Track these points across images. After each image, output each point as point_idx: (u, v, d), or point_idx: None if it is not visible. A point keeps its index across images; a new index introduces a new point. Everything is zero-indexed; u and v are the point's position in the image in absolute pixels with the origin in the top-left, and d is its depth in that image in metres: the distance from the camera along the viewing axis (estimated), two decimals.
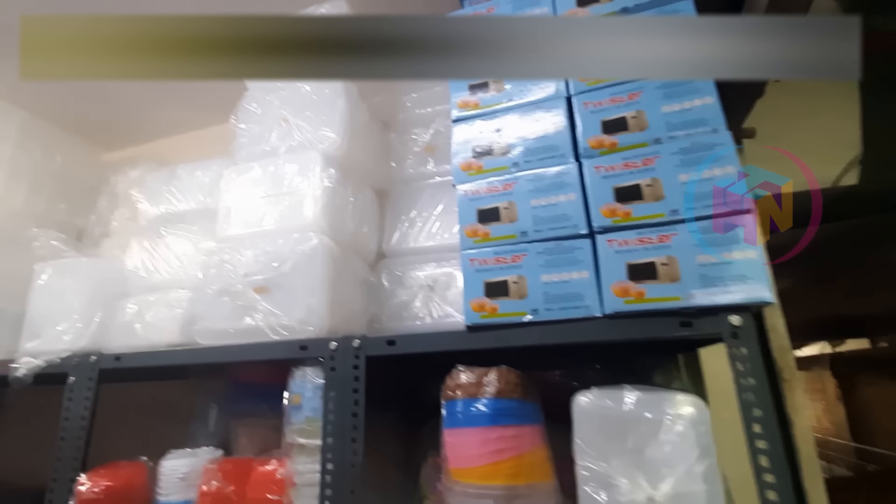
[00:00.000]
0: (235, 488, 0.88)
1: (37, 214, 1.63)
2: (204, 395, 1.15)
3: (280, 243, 0.93)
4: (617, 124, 0.75)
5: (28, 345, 1.04)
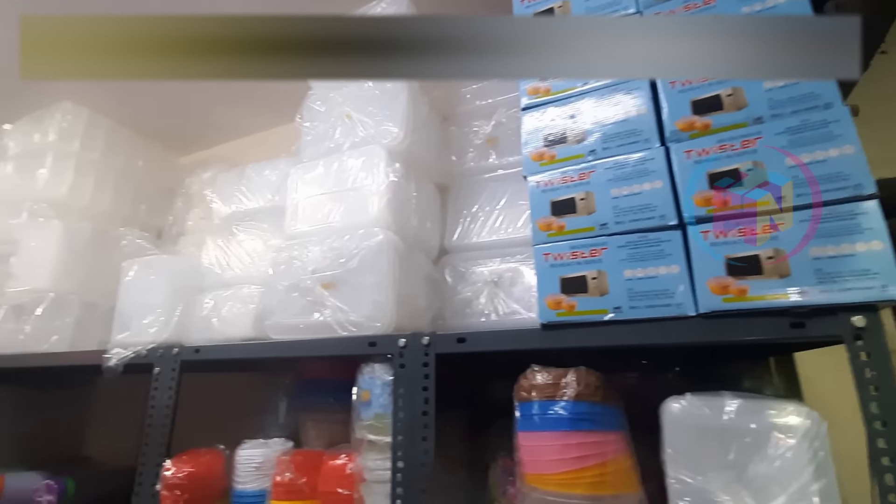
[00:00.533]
0: (307, 480, 0.89)
1: (122, 216, 1.76)
2: (274, 388, 1.18)
3: (346, 239, 0.93)
4: (709, 103, 0.68)
5: (118, 336, 1.11)
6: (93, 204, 1.64)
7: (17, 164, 1.63)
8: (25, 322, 1.33)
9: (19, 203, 1.52)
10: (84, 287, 1.41)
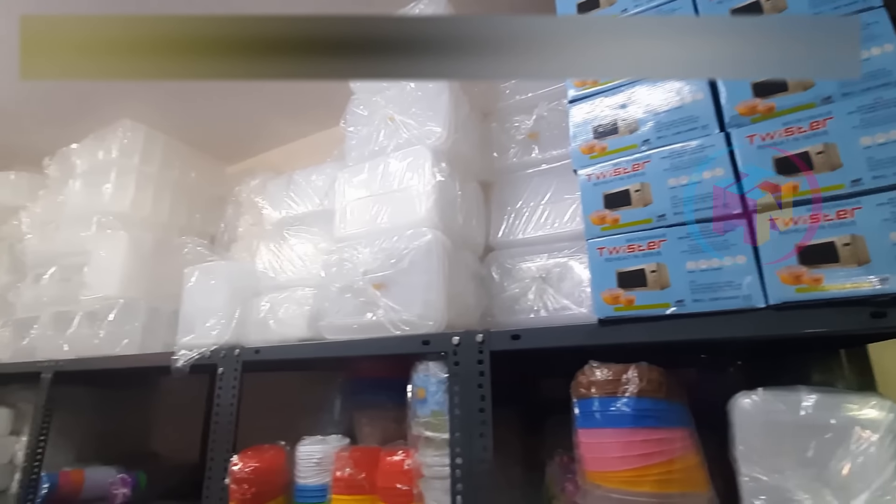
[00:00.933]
0: (366, 475, 0.92)
1: (178, 225, 1.85)
2: (328, 386, 1.22)
3: (395, 240, 0.94)
4: (773, 85, 0.64)
5: (184, 339, 1.18)
6: (152, 215, 1.74)
7: (84, 181, 1.75)
8: (99, 327, 1.43)
9: (88, 217, 1.64)
10: (149, 293, 1.50)
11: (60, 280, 1.68)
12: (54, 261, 1.71)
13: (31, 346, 1.65)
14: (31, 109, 1.96)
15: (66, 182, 1.81)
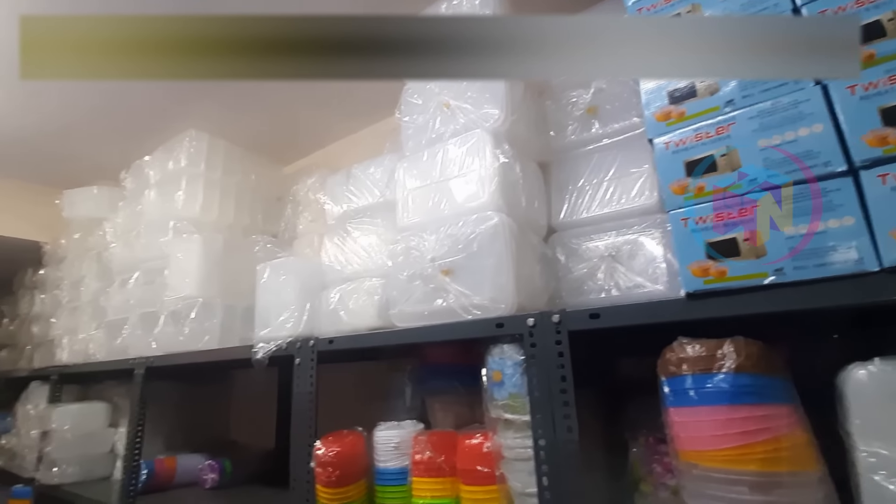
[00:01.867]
0: (445, 458, 0.93)
1: (243, 226, 1.94)
2: (397, 374, 1.24)
3: (461, 225, 0.94)
4: (871, 30, 0.59)
5: (261, 333, 1.24)
6: (220, 218, 1.84)
7: (158, 190, 1.87)
8: (183, 325, 1.53)
9: (164, 223, 1.75)
10: (223, 291, 1.59)
11: (144, 283, 1.81)
12: (137, 266, 1.85)
13: (124, 345, 1.79)
14: (106, 127, 2.11)
15: (142, 192, 1.94)
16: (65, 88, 1.87)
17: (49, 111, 1.99)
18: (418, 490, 0.95)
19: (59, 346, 2.21)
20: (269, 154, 2.18)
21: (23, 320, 2.74)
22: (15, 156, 2.33)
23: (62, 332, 2.23)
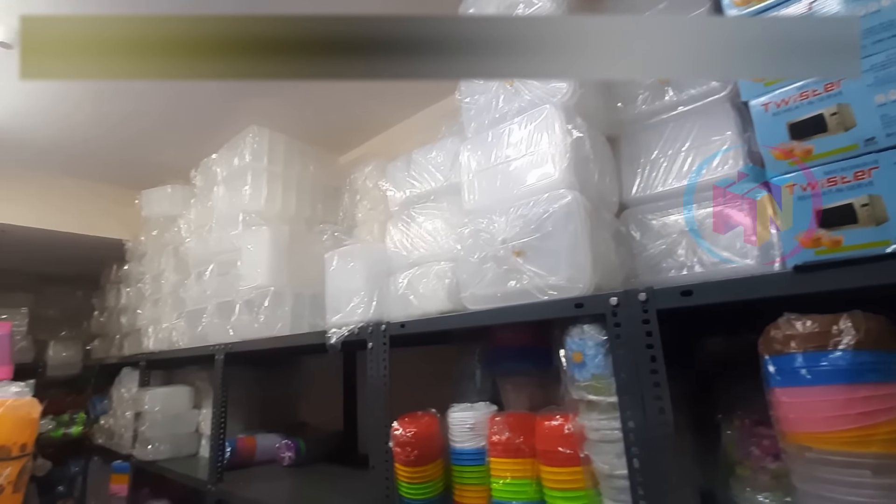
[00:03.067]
0: (524, 439, 0.93)
1: (304, 217, 2.01)
2: (467, 357, 1.25)
3: (532, 205, 0.93)
4: None
5: (332, 319, 1.28)
6: (284, 209, 1.91)
7: (226, 186, 1.96)
8: (257, 313, 1.61)
9: (234, 217, 1.84)
10: (292, 280, 1.66)
11: (219, 275, 1.92)
12: (211, 259, 1.96)
13: (203, 332, 1.92)
14: (175, 130, 2.23)
15: (212, 189, 2.05)
16: (134, 96, 1.99)
17: (123, 119, 2.13)
18: (497, 470, 0.96)
19: (145, 335, 2.39)
20: (324, 145, 2.23)
21: (111, 312, 2.99)
22: (97, 161, 2.52)
23: (147, 322, 2.42)
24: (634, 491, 0.72)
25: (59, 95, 1.97)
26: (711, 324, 0.99)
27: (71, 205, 2.67)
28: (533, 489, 0.92)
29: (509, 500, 0.92)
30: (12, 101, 1.98)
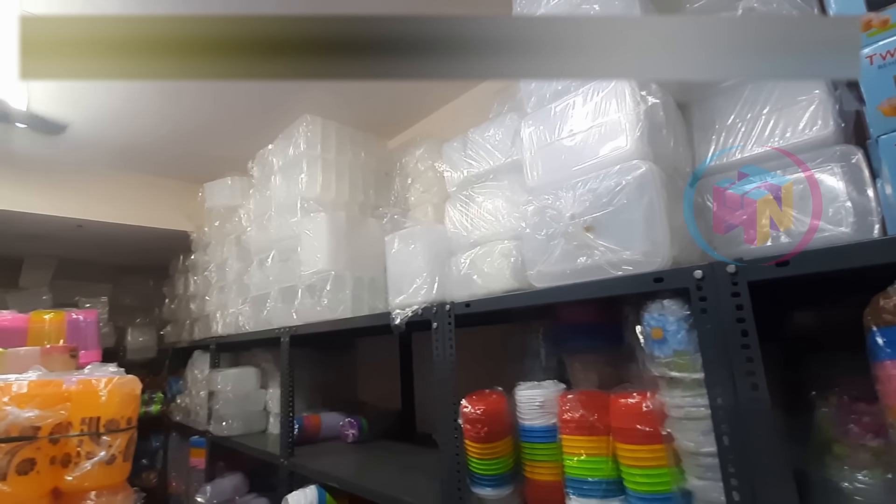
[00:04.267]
0: (598, 417, 0.92)
1: (358, 202, 2.04)
2: (531, 335, 1.25)
3: (602, 179, 0.90)
4: None
5: (396, 300, 1.31)
6: (338, 196, 1.95)
7: (283, 175, 2.03)
8: (320, 296, 1.67)
9: (292, 204, 1.90)
10: (351, 264, 1.70)
11: (280, 261, 2.00)
12: (272, 246, 2.04)
13: (268, 317, 2.01)
14: (232, 123, 2.32)
15: (269, 179, 2.12)
16: (192, 94, 2.08)
17: (184, 116, 2.23)
18: (570, 448, 0.95)
19: (214, 320, 2.54)
20: (373, 130, 2.25)
21: (181, 299, 3.19)
22: (163, 158, 2.67)
23: (215, 307, 2.56)
24: (724, 469, 0.70)
25: (129, 98, 2.08)
26: (798, 296, 0.94)
27: (141, 200, 2.85)
28: (608, 466, 0.91)
29: (584, 477, 0.92)
30: (88, 106, 2.12)
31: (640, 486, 0.85)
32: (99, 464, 1.29)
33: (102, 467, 1.30)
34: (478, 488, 1.07)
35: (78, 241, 3.09)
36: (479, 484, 1.07)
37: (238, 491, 2.31)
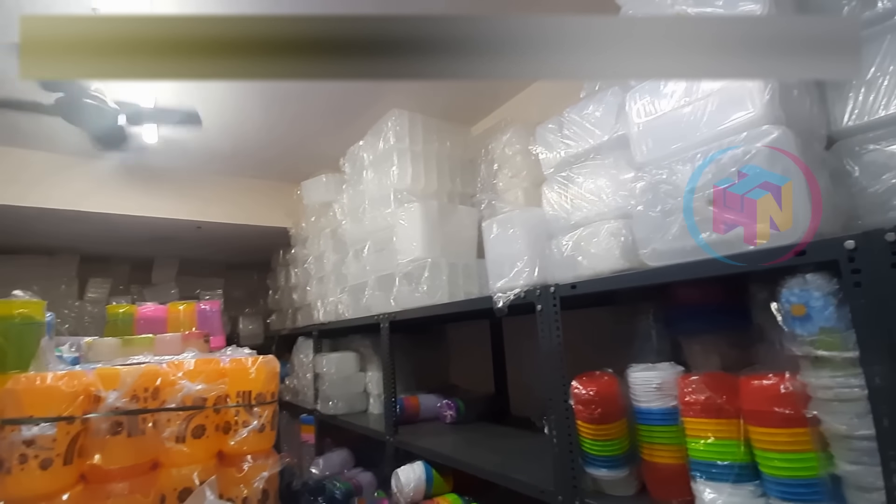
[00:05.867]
0: (726, 399, 0.88)
1: (446, 191, 2.09)
2: (640, 317, 1.21)
3: (727, 148, 0.84)
4: None
5: (497, 284, 1.33)
6: (427, 185, 2.01)
7: (374, 169, 2.13)
8: (418, 284, 1.74)
9: (385, 196, 1.99)
10: (445, 251, 1.75)
11: (375, 251, 2.11)
12: (367, 237, 2.16)
13: (367, 304, 2.13)
14: (323, 123, 2.47)
15: (360, 174, 2.24)
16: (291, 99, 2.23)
17: (282, 121, 2.41)
18: (695, 430, 0.92)
19: (315, 309, 2.75)
20: (456, 119, 2.28)
21: (283, 291, 3.48)
22: (264, 161, 2.91)
23: (315, 297, 2.76)
24: (884, 453, 0.65)
25: (236, 108, 2.30)
26: None
27: (246, 201, 3.14)
28: (740, 450, 0.87)
29: (713, 461, 0.89)
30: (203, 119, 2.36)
31: (779, 472, 0.80)
32: (253, 431, 1.49)
33: (256, 434, 1.51)
34: (592, 468, 1.07)
35: (196, 241, 3.48)
36: (594, 464, 1.07)
37: (345, 465, 2.50)
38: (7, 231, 3.03)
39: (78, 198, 2.68)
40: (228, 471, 1.48)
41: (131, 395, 1.34)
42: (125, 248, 3.62)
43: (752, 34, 0.61)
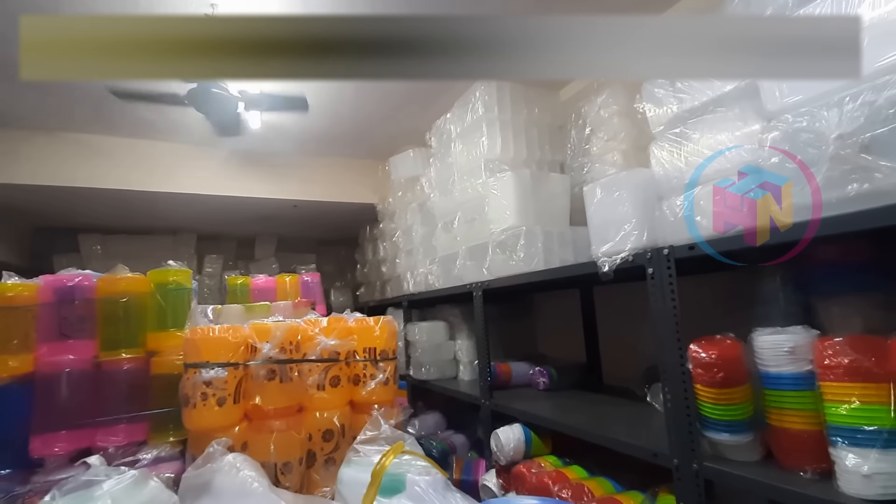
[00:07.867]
0: (875, 361, 0.82)
1: (535, 159, 2.07)
2: (767, 279, 1.14)
3: (883, 87, 0.76)
4: None
5: (601, 249, 1.31)
6: (517, 154, 2.00)
7: (462, 141, 2.15)
8: (513, 252, 1.76)
9: (475, 168, 2.01)
10: (539, 219, 1.75)
11: (465, 223, 2.15)
12: (457, 209, 2.20)
13: (458, 274, 2.19)
14: (410, 100, 2.52)
15: (447, 147, 2.27)
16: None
17: (371, 100, 2.50)
18: (835, 395, 0.87)
19: (405, 280, 2.87)
20: (542, 84, 2.23)
21: (370, 264, 3.67)
22: (352, 139, 3.05)
23: (405, 269, 2.89)
24: None
25: (330, 92, 2.41)
26: None
27: (337, 179, 3.32)
28: (889, 415, 0.81)
29: (858, 426, 0.83)
30: None
31: None
32: (379, 384, 1.67)
33: (381, 386, 1.69)
34: (712, 433, 1.05)
35: (293, 219, 3.75)
36: (714, 428, 1.04)
37: (439, 426, 2.64)
38: (139, 213, 3.47)
39: (198, 182, 3.00)
40: (361, 417, 1.65)
41: (280, 347, 1.54)
42: (232, 227, 4.00)
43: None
